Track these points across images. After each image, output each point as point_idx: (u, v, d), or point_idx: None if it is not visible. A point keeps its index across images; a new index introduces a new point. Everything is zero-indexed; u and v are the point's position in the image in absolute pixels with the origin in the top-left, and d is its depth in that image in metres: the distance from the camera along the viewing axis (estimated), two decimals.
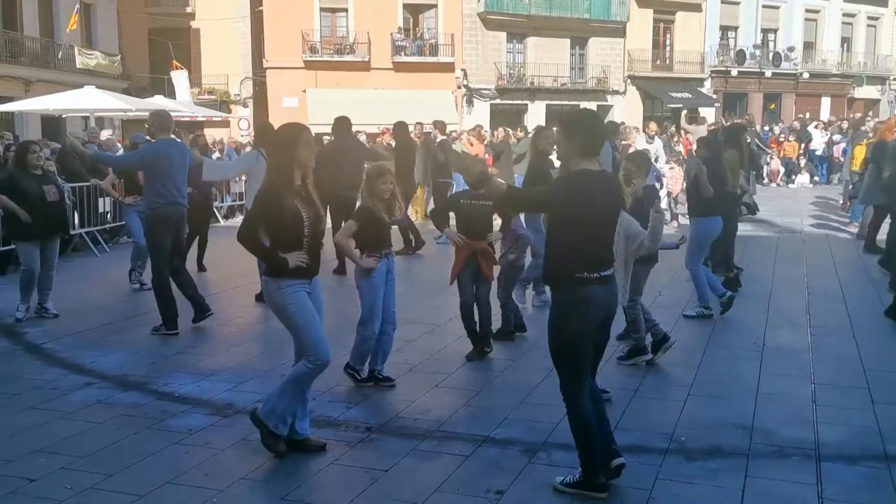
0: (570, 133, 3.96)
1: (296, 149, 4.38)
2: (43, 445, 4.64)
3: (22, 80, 24.44)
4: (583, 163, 3.92)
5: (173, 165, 7.25)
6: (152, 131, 7.46)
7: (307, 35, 31.45)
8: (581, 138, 3.92)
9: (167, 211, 7.20)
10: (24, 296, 7.78)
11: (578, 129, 3.95)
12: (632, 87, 36.33)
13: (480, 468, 4.38)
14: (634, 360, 6.16)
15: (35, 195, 7.71)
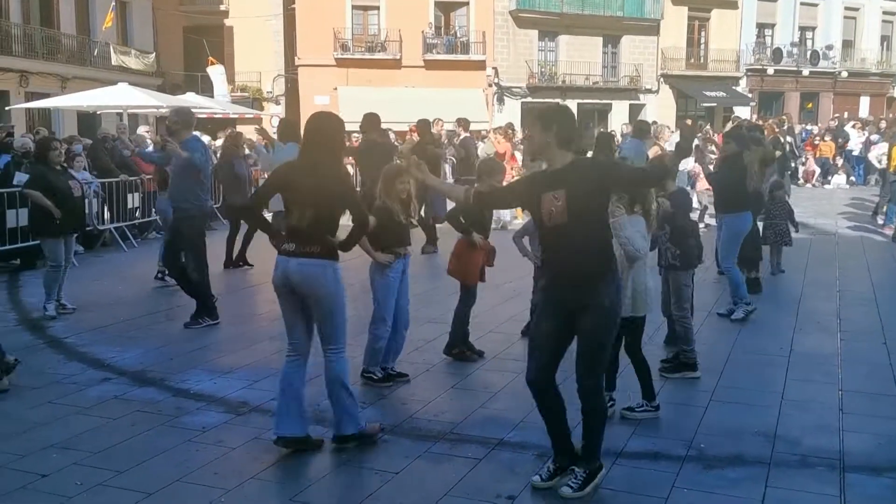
0: (547, 125, 3.94)
1: (340, 136, 4.54)
2: (57, 440, 4.66)
3: (58, 76, 24.84)
4: (567, 154, 3.93)
5: (208, 163, 7.47)
6: (176, 129, 7.44)
7: (339, 33, 31.54)
8: (559, 129, 3.91)
9: (206, 209, 7.54)
10: (49, 293, 7.83)
11: (555, 121, 3.94)
12: (665, 86, 35.91)
13: (493, 472, 4.30)
14: (682, 374, 5.88)
15: (63, 191, 7.79)
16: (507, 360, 6.35)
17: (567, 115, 4.05)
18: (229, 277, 9.85)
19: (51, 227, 7.76)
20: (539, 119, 4.01)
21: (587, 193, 3.85)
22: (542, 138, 3.96)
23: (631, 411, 5.07)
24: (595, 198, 3.90)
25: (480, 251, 6.22)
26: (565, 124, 3.96)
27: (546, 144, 3.95)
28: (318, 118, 4.60)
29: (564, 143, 3.94)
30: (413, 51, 31.96)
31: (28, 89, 23.61)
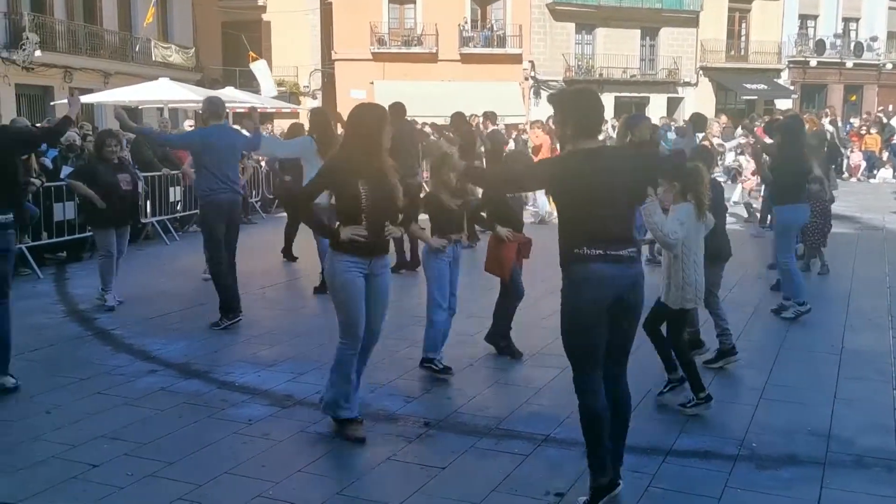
0: (566, 113, 3.83)
1: (382, 128, 4.48)
2: (106, 431, 4.71)
3: (101, 72, 25.22)
4: (579, 143, 3.76)
5: (223, 152, 7.12)
6: (205, 117, 7.47)
7: (375, 27, 31.60)
8: (576, 117, 3.78)
9: (219, 198, 7.10)
10: (105, 283, 7.91)
11: (574, 107, 3.82)
12: (704, 79, 35.41)
13: (540, 469, 4.26)
14: (723, 362, 5.83)
15: (109, 183, 7.89)
16: (550, 355, 6.27)
17: (588, 101, 3.86)
18: (273, 269, 9.90)
19: (99, 217, 7.91)
20: (556, 106, 3.91)
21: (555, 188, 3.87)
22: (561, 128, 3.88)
23: (683, 407, 5.03)
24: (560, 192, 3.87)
25: (511, 245, 6.06)
26: (586, 111, 3.80)
27: (564, 133, 3.84)
28: (357, 111, 4.57)
29: (583, 132, 3.77)
30: (449, 44, 31.89)
31: (72, 85, 23.98)
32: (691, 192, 5.01)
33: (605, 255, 3.62)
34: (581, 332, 3.70)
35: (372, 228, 4.44)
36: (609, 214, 3.66)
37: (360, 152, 4.46)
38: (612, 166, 3.74)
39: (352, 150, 4.51)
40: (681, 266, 5.03)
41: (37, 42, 21.70)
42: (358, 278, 4.48)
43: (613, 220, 3.67)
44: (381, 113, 4.58)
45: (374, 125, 4.49)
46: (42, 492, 3.95)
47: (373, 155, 4.46)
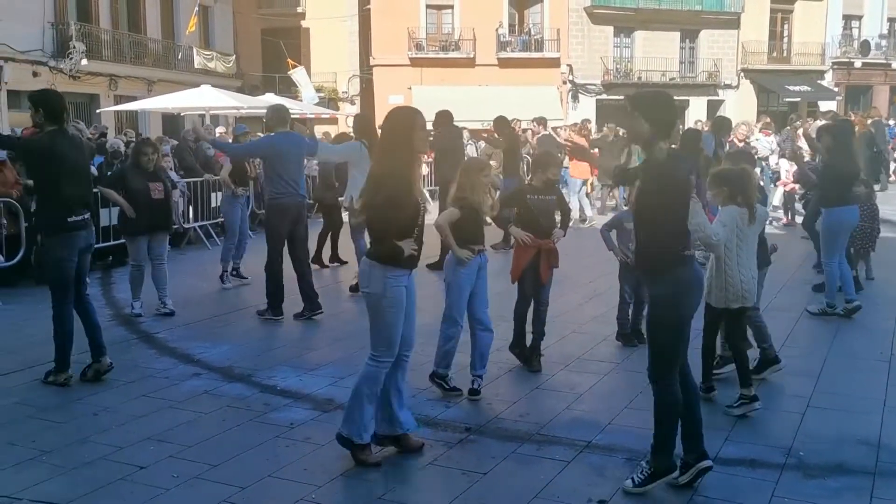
0: (647, 114, 3.85)
1: (412, 133, 4.30)
2: (152, 433, 4.78)
3: (145, 80, 25.70)
4: (664, 143, 3.86)
5: (290, 158, 7.49)
6: (270, 125, 7.69)
7: (413, 32, 31.73)
8: (660, 118, 3.85)
9: (285, 202, 7.47)
10: (135, 292, 7.96)
11: (656, 109, 3.86)
12: (745, 81, 34.93)
13: (582, 475, 4.23)
14: (767, 372, 5.70)
15: (140, 191, 7.92)
16: (591, 361, 6.25)
17: (668, 103, 3.95)
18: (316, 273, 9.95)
19: (129, 225, 7.96)
20: (638, 107, 3.91)
21: (653, 188, 3.86)
22: (640, 128, 3.88)
23: (730, 408, 4.98)
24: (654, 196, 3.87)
25: (528, 249, 5.89)
26: (668, 113, 3.90)
27: (646, 133, 3.87)
28: (389, 115, 4.51)
29: (665, 133, 3.86)
30: (487, 49, 31.90)
31: (117, 92, 24.49)
32: (741, 196, 4.96)
33: (692, 257, 3.91)
34: (684, 335, 3.94)
35: (419, 239, 4.38)
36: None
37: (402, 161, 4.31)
38: (685, 170, 3.96)
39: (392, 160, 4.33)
40: (723, 266, 5.00)
41: (83, 51, 22.17)
42: (404, 291, 4.36)
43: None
44: (410, 116, 4.39)
45: (404, 130, 4.32)
46: (90, 492, 4.02)
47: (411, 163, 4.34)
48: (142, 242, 7.98)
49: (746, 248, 5.04)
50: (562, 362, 6.18)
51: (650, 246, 3.92)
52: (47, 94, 5.84)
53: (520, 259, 5.96)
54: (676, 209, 3.89)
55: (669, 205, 3.87)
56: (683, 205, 3.92)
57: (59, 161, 5.51)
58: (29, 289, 8.76)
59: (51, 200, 5.62)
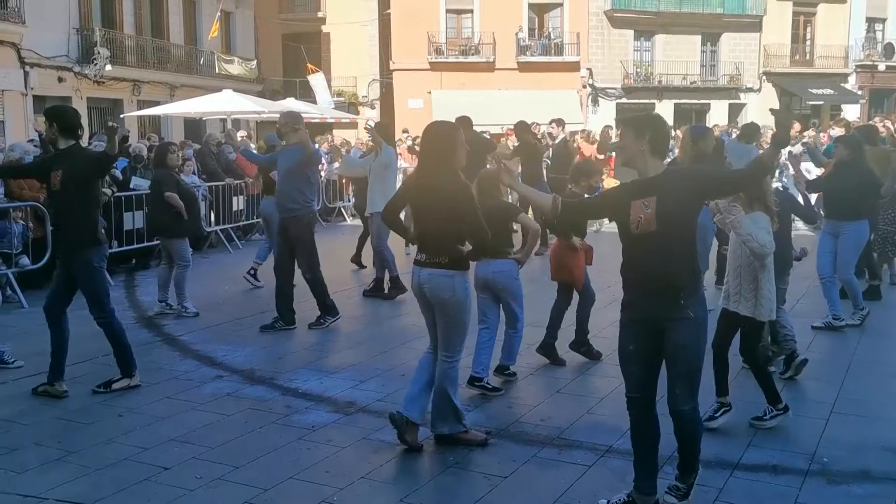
0: (640, 133, 3.79)
1: (456, 148, 4.53)
2: (176, 435, 4.83)
3: (168, 85, 25.94)
4: (658, 162, 3.79)
5: (280, 171, 7.59)
6: (285, 131, 7.65)
7: (433, 37, 31.79)
8: (652, 137, 3.77)
9: (315, 210, 7.71)
10: (183, 292, 8.12)
11: (648, 128, 3.79)
12: (767, 84, 34.66)
13: (603, 480, 4.22)
14: (793, 370, 5.71)
15: (189, 194, 8.15)
16: (611, 365, 6.18)
17: (660, 123, 3.90)
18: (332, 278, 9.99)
19: (180, 227, 8.08)
20: (631, 126, 3.88)
21: (679, 202, 3.67)
22: (635, 146, 3.81)
23: (760, 420, 4.87)
24: (687, 206, 3.72)
25: (581, 253, 6.20)
26: (659, 132, 3.82)
27: (639, 153, 3.80)
28: (430, 130, 4.67)
29: (657, 152, 3.80)
30: (507, 53, 31.90)
31: (140, 97, 24.73)
32: (758, 202, 4.82)
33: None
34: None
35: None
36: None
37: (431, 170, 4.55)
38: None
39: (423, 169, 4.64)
40: (766, 277, 4.83)
41: (107, 57, 22.41)
42: None
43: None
44: (453, 132, 4.64)
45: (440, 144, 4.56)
46: (116, 493, 4.07)
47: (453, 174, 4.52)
48: (188, 242, 8.20)
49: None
50: (583, 367, 6.19)
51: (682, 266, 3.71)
52: (62, 110, 5.73)
53: (578, 263, 6.23)
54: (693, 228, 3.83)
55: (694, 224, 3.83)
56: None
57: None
58: None
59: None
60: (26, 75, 20.42)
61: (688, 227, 3.74)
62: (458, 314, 4.56)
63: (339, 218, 16.55)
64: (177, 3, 27.25)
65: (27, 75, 20.44)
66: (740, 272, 4.93)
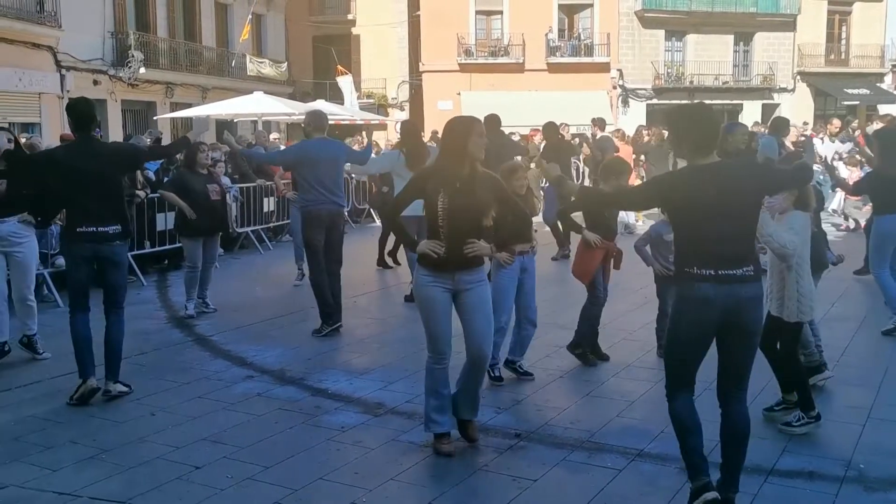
0: (685, 124, 3.76)
1: (468, 139, 4.39)
2: (207, 434, 4.87)
3: (200, 87, 26.26)
4: (695, 158, 3.71)
5: (322, 164, 7.24)
6: (308, 130, 7.61)
7: (462, 38, 31.83)
8: (692, 133, 3.71)
9: (317, 209, 7.25)
10: (189, 292, 8.17)
11: (691, 123, 3.74)
12: (801, 84, 34.23)
13: (634, 484, 4.18)
14: (815, 379, 5.52)
15: (200, 193, 8.12)
16: (642, 368, 6.18)
17: (707, 114, 3.82)
18: (363, 279, 10.05)
19: (188, 227, 8.13)
20: (678, 118, 3.85)
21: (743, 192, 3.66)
22: (675, 143, 3.81)
23: (789, 426, 4.79)
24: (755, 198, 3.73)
25: (598, 251, 6.07)
26: (706, 123, 3.74)
27: (687, 144, 3.75)
28: (447, 124, 4.60)
29: (705, 145, 3.71)
30: (536, 54, 31.83)
31: (172, 100, 25.06)
32: (799, 200, 4.79)
33: (717, 275, 3.57)
34: (677, 349, 3.76)
35: (451, 243, 4.36)
36: (727, 233, 3.60)
37: (447, 164, 4.47)
38: (730, 182, 3.63)
39: (441, 162, 4.54)
40: (795, 277, 4.78)
41: (141, 59, 22.74)
42: (439, 293, 4.42)
43: (731, 238, 3.61)
44: (468, 123, 4.51)
45: (459, 136, 4.43)
46: (148, 491, 4.11)
47: (459, 167, 4.42)
48: (199, 244, 8.16)
49: (808, 257, 4.91)
50: (613, 369, 6.13)
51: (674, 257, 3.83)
52: (75, 103, 5.73)
53: (590, 262, 6.09)
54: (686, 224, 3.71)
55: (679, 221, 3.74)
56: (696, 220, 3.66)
57: (68, 172, 5.44)
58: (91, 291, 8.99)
59: (66, 207, 5.67)
60: (62, 78, 20.79)
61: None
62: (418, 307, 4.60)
63: (369, 219, 16.60)
64: (209, 7, 27.57)
65: (63, 78, 20.81)
66: (772, 270, 4.95)
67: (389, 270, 10.75)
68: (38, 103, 20.01)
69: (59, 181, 5.54)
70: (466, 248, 4.38)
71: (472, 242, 4.40)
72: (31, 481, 4.23)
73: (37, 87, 19.74)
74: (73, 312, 5.62)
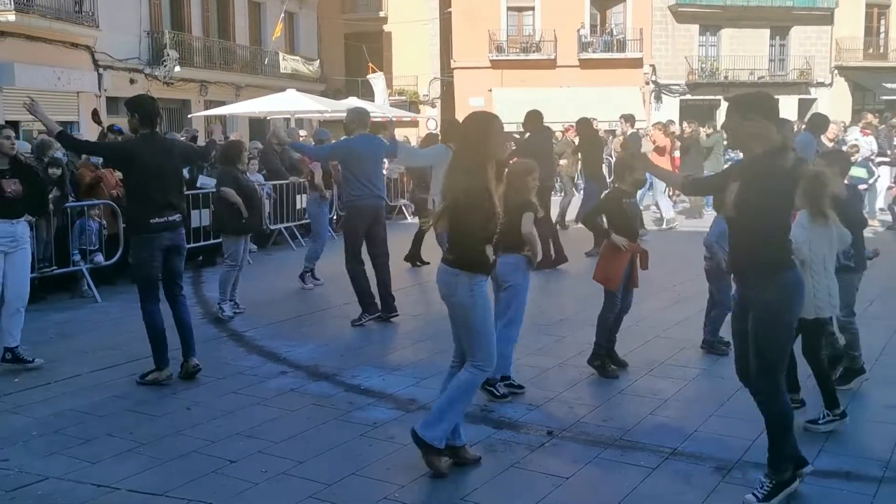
0: (745, 113, 3.80)
1: (488, 139, 4.23)
2: (242, 429, 4.93)
3: (233, 85, 26.53)
4: (761, 146, 3.77)
5: (367, 160, 7.52)
6: (351, 127, 7.73)
7: (494, 35, 31.76)
8: (759, 118, 3.76)
9: (362, 204, 7.49)
10: (224, 292, 8.09)
11: (754, 108, 3.79)
12: (839, 79, 33.64)
13: (668, 483, 4.15)
14: (857, 381, 5.50)
15: (250, 191, 8.26)
16: (675, 366, 6.13)
17: (768, 103, 3.84)
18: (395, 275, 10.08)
19: (236, 225, 8.17)
20: (737, 106, 3.86)
21: (760, 190, 3.70)
22: (741, 128, 3.82)
23: (814, 424, 4.73)
24: (768, 195, 3.73)
25: (625, 254, 5.86)
26: (767, 113, 3.78)
27: (744, 135, 3.81)
28: (465, 120, 4.52)
29: (761, 136, 3.75)
30: (568, 50, 31.66)
31: (207, 98, 25.34)
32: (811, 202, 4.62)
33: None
34: (792, 339, 4.01)
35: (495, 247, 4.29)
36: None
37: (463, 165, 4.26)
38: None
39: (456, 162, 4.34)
40: (809, 272, 4.68)
41: (176, 58, 23.04)
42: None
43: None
44: (486, 118, 4.38)
45: (478, 135, 4.27)
46: (184, 484, 4.17)
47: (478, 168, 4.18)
48: (241, 242, 8.25)
49: (828, 253, 4.80)
50: (645, 367, 6.09)
51: (759, 249, 3.80)
52: (141, 100, 5.99)
53: (618, 266, 5.86)
54: (786, 212, 3.88)
55: (778, 205, 3.79)
56: (790, 209, 3.94)
57: (146, 164, 5.65)
58: (128, 286, 9.09)
59: (138, 201, 5.78)
60: (100, 77, 21.15)
61: (767, 212, 3.76)
62: (466, 317, 4.22)
63: (401, 216, 16.65)
64: (242, 5, 27.84)
65: (101, 77, 21.17)
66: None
67: (417, 267, 10.76)
68: (77, 102, 20.35)
69: (135, 173, 5.73)
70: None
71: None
72: (70, 473, 4.32)
73: (75, 86, 20.08)
74: (149, 303, 5.83)
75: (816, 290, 4.75)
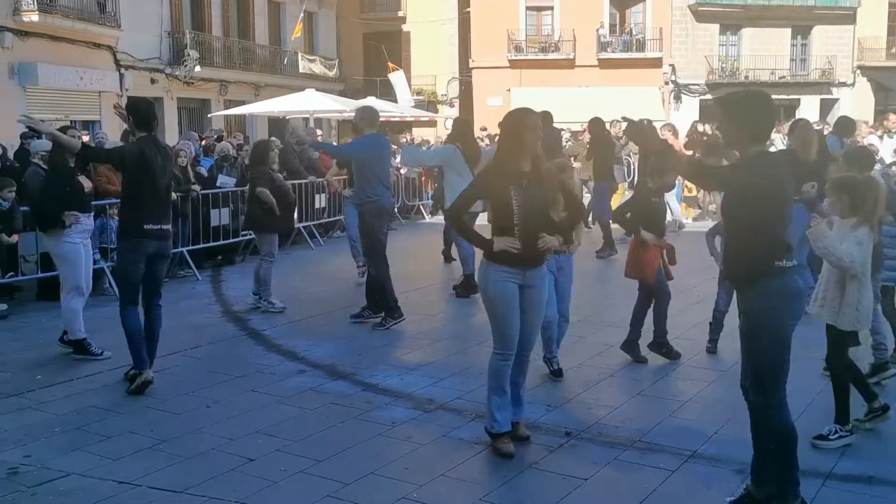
0: (735, 114, 3.66)
1: (522, 133, 4.39)
2: (261, 427, 4.95)
3: (253, 84, 26.66)
4: (751, 148, 3.62)
5: (384, 160, 7.63)
6: (361, 126, 7.66)
7: (513, 34, 31.71)
8: (750, 121, 3.62)
9: (382, 203, 7.50)
10: (267, 286, 8.18)
11: (746, 111, 3.64)
12: (861, 79, 33.26)
13: (687, 485, 4.13)
14: (877, 377, 5.47)
15: (284, 190, 8.40)
16: (696, 368, 6.10)
17: (760, 103, 3.69)
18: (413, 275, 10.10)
19: (271, 222, 8.27)
20: (727, 106, 3.72)
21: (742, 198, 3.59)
22: (732, 129, 3.68)
23: (824, 440, 4.55)
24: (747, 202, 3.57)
25: (655, 249, 6.09)
26: (760, 116, 3.64)
27: (735, 136, 3.67)
28: (503, 120, 4.62)
29: (756, 136, 3.62)
30: (587, 50, 31.54)
31: (226, 97, 25.48)
32: (861, 210, 4.48)
33: (795, 267, 3.61)
34: (784, 351, 3.64)
35: (525, 239, 4.34)
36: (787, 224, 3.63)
37: (509, 161, 4.44)
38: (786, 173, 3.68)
39: (502, 158, 4.50)
40: (857, 286, 4.52)
41: (197, 58, 23.18)
42: (513, 289, 4.42)
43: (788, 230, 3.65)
44: (520, 117, 4.48)
45: (514, 131, 4.44)
46: (204, 482, 4.20)
47: (522, 162, 4.41)
48: (276, 237, 8.42)
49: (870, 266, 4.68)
50: (664, 369, 6.07)
51: (740, 255, 3.67)
52: (137, 103, 5.94)
53: (652, 261, 6.09)
54: (769, 217, 3.56)
55: (759, 212, 3.55)
56: (778, 212, 3.58)
57: (145, 168, 5.61)
58: None
59: (134, 205, 5.69)
60: (121, 77, 21.32)
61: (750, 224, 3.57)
62: (485, 304, 4.58)
63: (419, 216, 16.67)
64: (262, 5, 27.97)
65: (122, 77, 21.34)
66: (826, 276, 4.69)
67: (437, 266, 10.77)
68: (99, 101, 20.52)
69: (137, 176, 5.64)
70: (539, 242, 4.38)
71: (542, 237, 4.40)
72: (92, 470, 4.36)
73: (97, 86, 20.25)
74: (129, 307, 5.77)
75: (860, 303, 4.57)
